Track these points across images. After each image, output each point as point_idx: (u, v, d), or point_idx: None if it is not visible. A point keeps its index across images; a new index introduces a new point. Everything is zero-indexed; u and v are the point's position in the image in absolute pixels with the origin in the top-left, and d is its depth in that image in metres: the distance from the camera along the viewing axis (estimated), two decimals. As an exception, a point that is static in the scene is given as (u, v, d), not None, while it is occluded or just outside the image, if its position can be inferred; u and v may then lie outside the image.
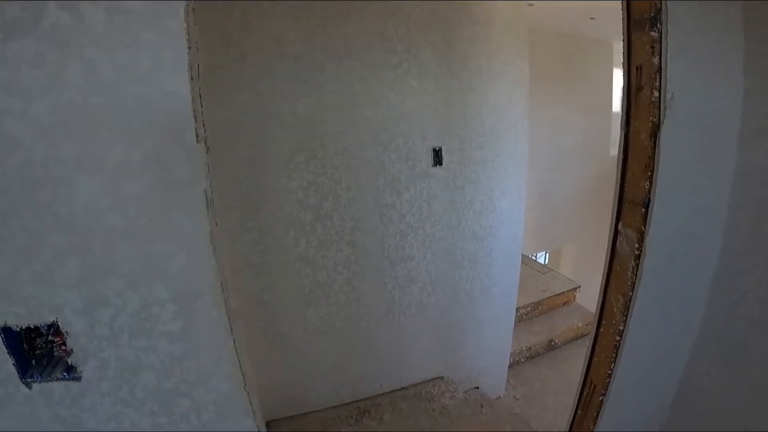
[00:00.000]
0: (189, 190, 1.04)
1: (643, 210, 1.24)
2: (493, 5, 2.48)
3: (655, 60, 1.14)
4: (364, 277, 2.51)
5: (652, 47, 1.14)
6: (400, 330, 2.74)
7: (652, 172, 1.20)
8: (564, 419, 3.54)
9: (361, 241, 2.43)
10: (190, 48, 0.96)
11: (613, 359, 1.43)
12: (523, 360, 4.06)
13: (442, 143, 2.49)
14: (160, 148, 1.00)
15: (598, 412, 1.53)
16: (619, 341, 1.40)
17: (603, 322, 1.49)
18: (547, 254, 8.35)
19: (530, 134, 2.89)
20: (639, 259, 1.28)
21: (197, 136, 1.01)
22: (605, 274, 1.45)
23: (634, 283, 1.31)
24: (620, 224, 1.35)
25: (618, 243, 1.37)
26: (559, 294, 4.46)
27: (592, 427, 1.57)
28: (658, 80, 1.15)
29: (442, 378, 3.06)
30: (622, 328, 1.38)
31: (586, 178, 6.42)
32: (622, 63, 1.27)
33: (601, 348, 1.51)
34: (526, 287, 4.38)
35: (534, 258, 6.80)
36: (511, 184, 2.85)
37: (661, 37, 1.12)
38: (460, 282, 2.83)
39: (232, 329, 1.17)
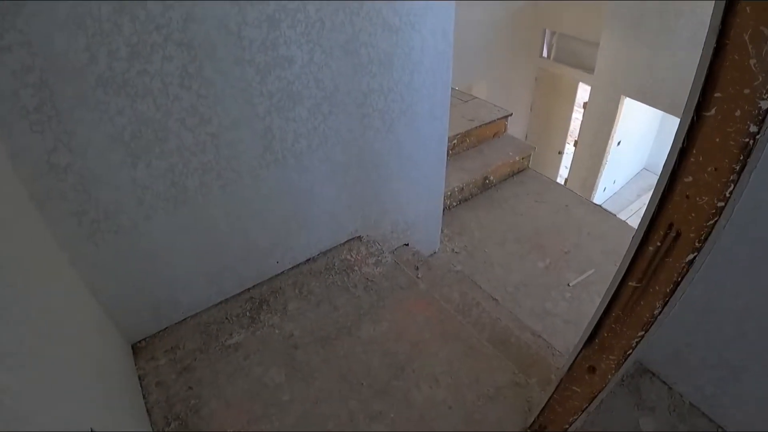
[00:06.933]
0: None
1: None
2: None
3: None
4: (218, 97, 1.53)
5: None
6: (290, 175, 1.87)
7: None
8: (518, 276, 3.12)
9: (201, 38, 1.39)
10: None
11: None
12: (455, 204, 3.51)
13: None
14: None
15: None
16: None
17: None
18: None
19: None
20: None
21: None
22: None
23: None
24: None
25: None
26: (489, 123, 3.84)
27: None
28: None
29: (359, 238, 2.36)
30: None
31: (499, 7, 5.79)
32: None
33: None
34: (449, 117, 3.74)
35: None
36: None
37: None
38: (370, 96, 1.93)
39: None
